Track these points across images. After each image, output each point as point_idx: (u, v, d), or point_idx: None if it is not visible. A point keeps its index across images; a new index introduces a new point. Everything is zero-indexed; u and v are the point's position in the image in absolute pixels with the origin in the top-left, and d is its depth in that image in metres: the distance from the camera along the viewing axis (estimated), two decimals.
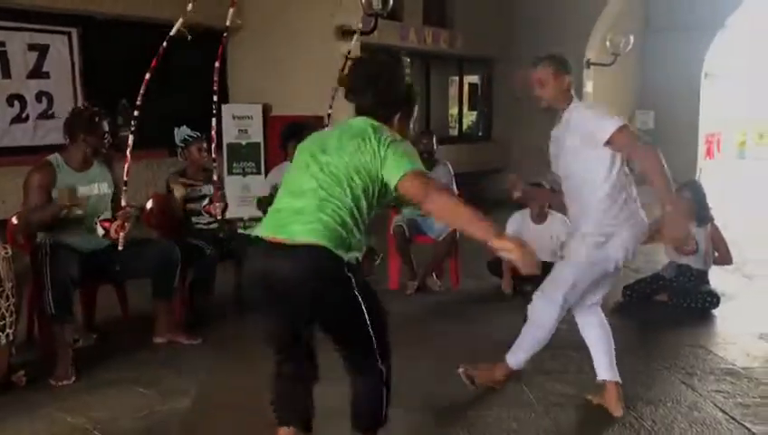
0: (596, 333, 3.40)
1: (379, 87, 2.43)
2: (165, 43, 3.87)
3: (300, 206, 2.29)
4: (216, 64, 4.37)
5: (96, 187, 4.01)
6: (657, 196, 3.02)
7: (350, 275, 2.28)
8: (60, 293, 3.67)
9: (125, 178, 3.90)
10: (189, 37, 3.85)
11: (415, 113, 2.62)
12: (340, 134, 2.40)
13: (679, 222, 3.08)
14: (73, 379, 3.63)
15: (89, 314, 4.32)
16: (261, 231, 2.34)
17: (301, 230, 2.24)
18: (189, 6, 3.88)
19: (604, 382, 3.32)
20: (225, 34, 4.34)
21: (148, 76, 3.82)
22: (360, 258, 2.39)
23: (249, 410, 3.29)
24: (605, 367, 3.32)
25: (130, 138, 3.92)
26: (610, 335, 3.40)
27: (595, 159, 3.11)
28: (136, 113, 3.91)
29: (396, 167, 2.25)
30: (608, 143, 3.06)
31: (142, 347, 4.14)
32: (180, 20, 3.85)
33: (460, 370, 3.48)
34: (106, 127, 3.95)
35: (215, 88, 4.38)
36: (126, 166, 3.88)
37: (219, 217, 4.69)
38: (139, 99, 3.86)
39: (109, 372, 3.78)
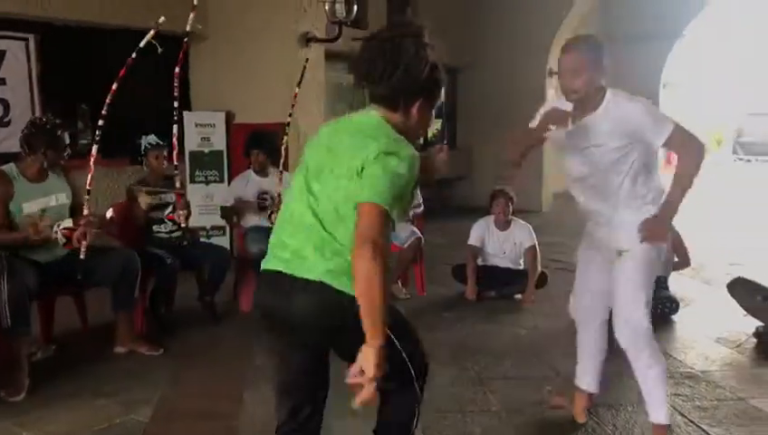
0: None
1: (398, 73, 1.98)
2: (134, 55, 3.79)
3: (297, 247, 1.99)
4: (177, 70, 4.32)
5: (54, 198, 3.94)
6: (669, 195, 2.84)
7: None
8: (17, 306, 3.58)
9: (88, 187, 3.84)
10: (160, 50, 3.78)
11: (441, 98, 2.18)
12: (338, 143, 2.04)
13: (663, 230, 2.95)
14: (24, 395, 3.53)
15: (47, 326, 4.22)
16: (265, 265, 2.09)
17: (307, 275, 1.95)
18: (161, 19, 3.83)
19: (577, 389, 3.30)
20: (186, 40, 4.30)
21: (115, 86, 3.76)
22: None
23: (211, 418, 3.26)
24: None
25: (94, 148, 3.86)
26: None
27: (626, 149, 2.83)
28: (101, 123, 3.84)
29: (362, 188, 1.86)
30: (664, 145, 2.78)
31: (102, 358, 4.07)
32: (151, 32, 3.79)
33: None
34: (67, 140, 3.90)
35: (175, 94, 4.33)
36: (89, 175, 3.81)
37: (183, 225, 4.63)
38: (104, 108, 3.80)
39: (68, 383, 3.70)
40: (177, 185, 4.63)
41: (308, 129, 7.09)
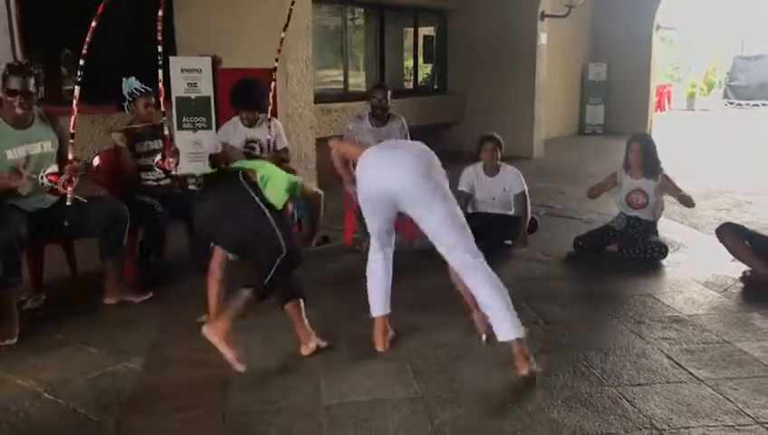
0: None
1: None
2: None
3: None
4: (160, 13, 4.21)
5: (39, 145, 3.87)
6: None
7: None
8: (7, 255, 3.56)
9: (72, 131, 3.76)
10: None
11: None
12: None
13: None
14: (16, 339, 3.55)
15: (36, 275, 4.20)
16: None
17: None
18: None
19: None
20: None
21: (94, 24, 3.66)
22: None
23: (204, 365, 3.27)
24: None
25: (77, 89, 3.77)
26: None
27: None
28: (81, 62, 3.74)
29: None
30: None
31: (92, 307, 4.07)
32: None
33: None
34: (15, 85, 3.71)
35: (159, 37, 4.22)
36: (72, 118, 3.74)
37: (174, 172, 4.58)
38: (84, 47, 3.69)
39: (58, 332, 3.70)
40: (166, 132, 4.57)
41: (296, 74, 6.98)
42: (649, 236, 5.19)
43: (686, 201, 5.10)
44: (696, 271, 4.84)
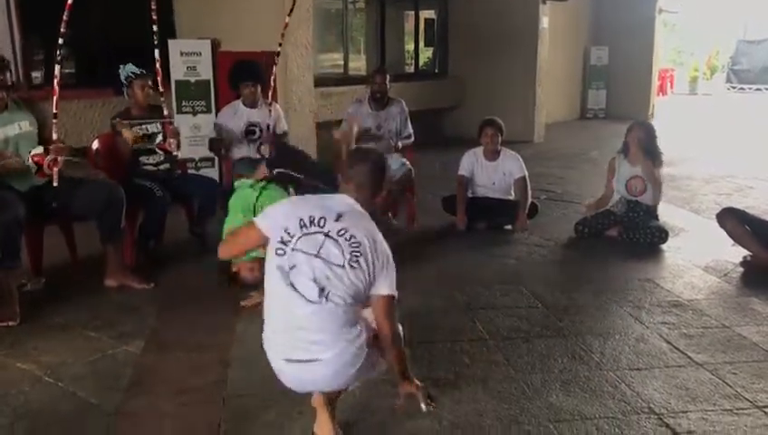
0: None
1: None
2: None
3: None
4: None
5: (16, 126, 3.85)
6: None
7: None
8: (7, 238, 3.56)
9: (54, 111, 3.74)
10: None
11: None
12: None
13: None
14: (18, 320, 3.56)
15: (36, 258, 4.19)
16: None
17: None
18: None
19: None
20: None
21: (66, 17, 3.66)
22: None
23: (203, 349, 3.29)
24: None
25: (57, 68, 3.75)
26: None
27: None
28: (60, 41, 3.73)
29: None
30: None
31: (92, 291, 4.06)
32: None
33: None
34: (10, 74, 3.74)
35: (153, 17, 4.20)
36: (54, 98, 3.72)
37: (175, 153, 4.57)
38: (62, 25, 3.69)
39: (58, 316, 3.71)
40: (165, 113, 4.55)
41: (296, 58, 6.95)
42: (650, 221, 5.18)
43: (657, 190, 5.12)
44: (696, 256, 4.84)
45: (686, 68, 26.72)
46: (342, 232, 2.30)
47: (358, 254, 2.28)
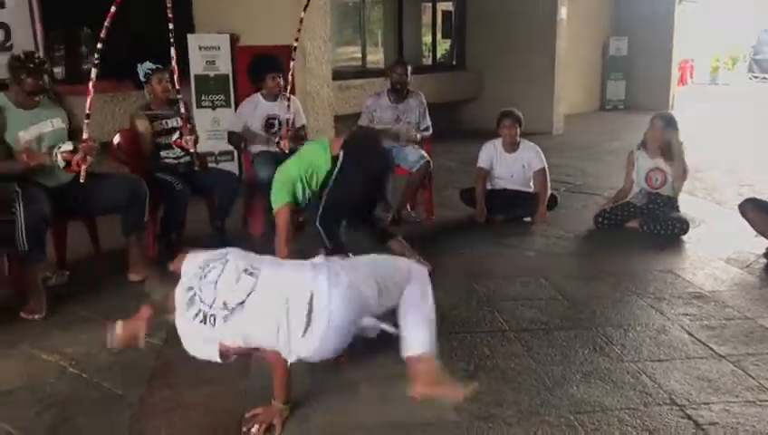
0: None
1: None
2: None
3: None
4: None
5: (49, 123, 3.90)
6: None
7: None
8: (33, 232, 3.62)
9: (87, 111, 3.79)
10: None
11: None
12: None
13: None
14: (44, 313, 3.62)
15: (60, 252, 4.26)
16: None
17: None
18: None
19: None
20: None
21: (113, 9, 3.68)
22: None
23: None
24: None
25: (93, 71, 3.79)
26: None
27: None
28: (99, 45, 3.77)
29: None
30: None
31: (116, 284, 4.11)
32: None
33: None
34: (29, 87, 3.74)
35: (169, 15, 4.22)
36: (88, 99, 3.76)
37: (192, 150, 4.60)
38: (103, 32, 3.72)
39: (82, 308, 3.76)
40: (182, 109, 4.58)
41: (313, 51, 6.96)
42: (671, 212, 5.14)
43: (679, 175, 5.06)
44: (717, 247, 4.79)
45: (708, 58, 26.38)
46: None
47: None
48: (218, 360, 2.36)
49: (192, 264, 2.42)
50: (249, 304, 2.29)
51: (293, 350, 2.31)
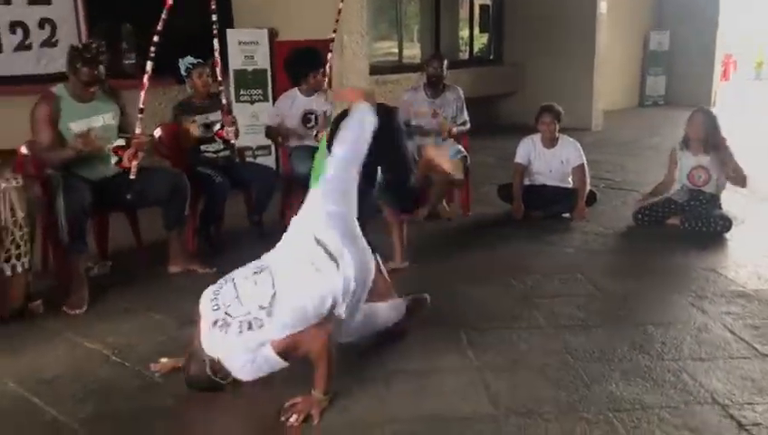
0: None
1: None
2: None
3: None
4: None
5: (101, 118, 3.96)
6: None
7: None
8: (74, 223, 3.69)
9: (141, 106, 3.86)
10: None
11: None
12: None
13: None
14: (85, 308, 3.68)
15: (102, 243, 4.35)
16: None
17: None
18: None
19: None
20: None
21: (164, 15, 3.79)
22: None
23: None
24: None
25: (149, 64, 3.86)
26: None
27: None
28: (156, 39, 3.88)
29: None
30: None
31: (156, 276, 4.19)
32: None
33: None
34: (84, 76, 3.79)
35: (213, 7, 4.28)
36: (142, 93, 3.84)
37: (233, 141, 4.65)
38: (159, 24, 3.86)
39: (123, 299, 3.83)
40: (224, 102, 4.63)
41: (350, 45, 6.97)
42: (713, 210, 5.05)
43: (739, 181, 4.93)
44: (761, 245, 4.69)
45: (753, 53, 25.77)
46: None
47: None
48: (282, 362, 2.55)
49: (204, 302, 2.68)
50: (280, 289, 2.53)
51: (341, 287, 2.61)
